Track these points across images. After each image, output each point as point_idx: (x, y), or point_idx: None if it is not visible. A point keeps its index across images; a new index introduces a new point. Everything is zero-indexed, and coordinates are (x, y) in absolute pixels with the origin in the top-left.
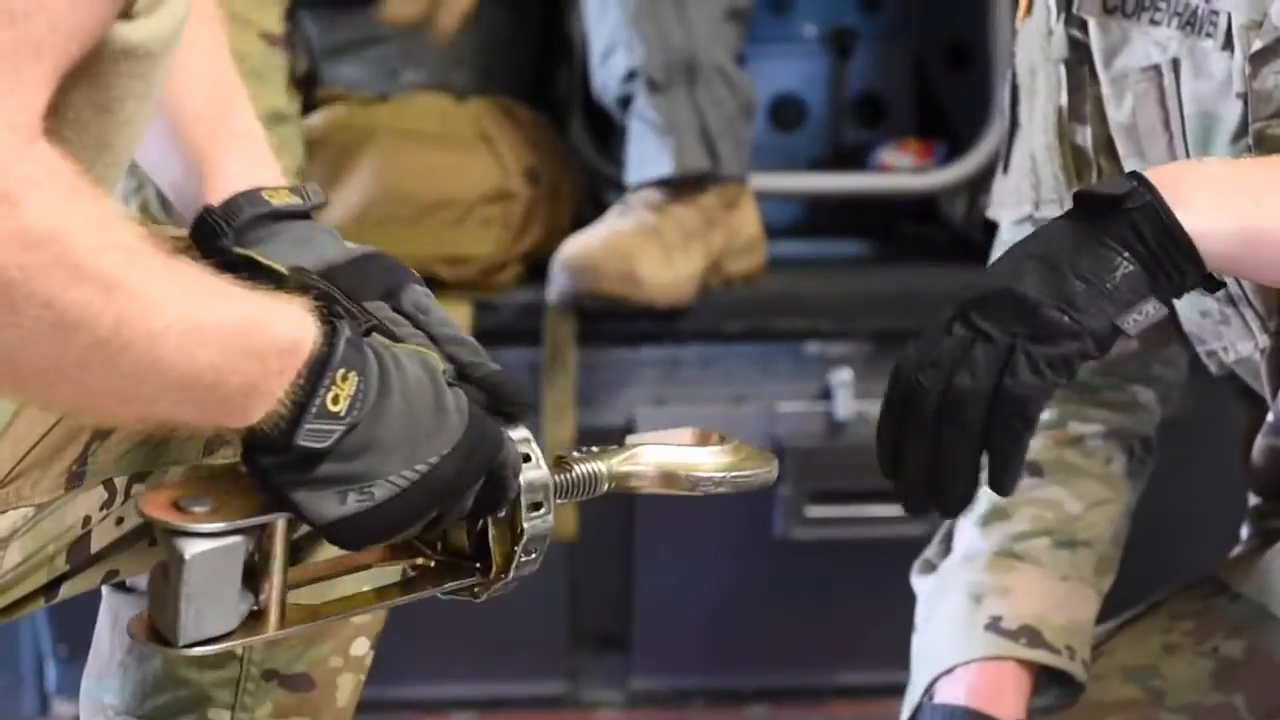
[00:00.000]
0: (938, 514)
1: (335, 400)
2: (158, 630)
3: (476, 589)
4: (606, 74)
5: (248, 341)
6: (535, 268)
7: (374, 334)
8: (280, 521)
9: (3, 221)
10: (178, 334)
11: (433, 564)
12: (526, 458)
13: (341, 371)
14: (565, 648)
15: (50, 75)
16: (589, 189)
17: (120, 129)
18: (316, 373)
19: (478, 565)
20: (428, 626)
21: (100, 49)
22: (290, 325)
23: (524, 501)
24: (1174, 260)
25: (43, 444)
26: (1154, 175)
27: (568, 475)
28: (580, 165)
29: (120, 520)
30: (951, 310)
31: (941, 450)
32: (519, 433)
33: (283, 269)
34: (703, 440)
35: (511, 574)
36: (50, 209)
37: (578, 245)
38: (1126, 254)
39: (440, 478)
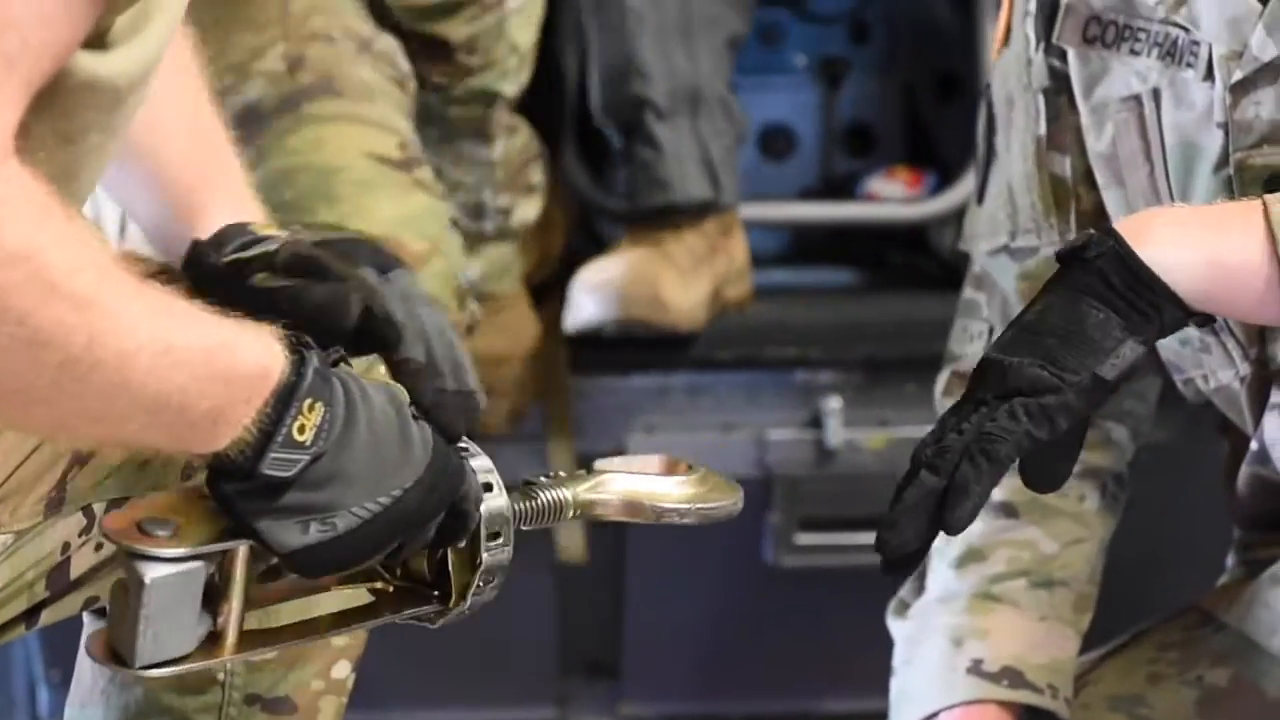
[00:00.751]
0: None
1: (301, 430)
2: (115, 650)
3: (433, 616)
4: (611, 99)
5: (217, 367)
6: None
7: (341, 364)
8: (242, 547)
9: None
10: (149, 355)
11: (391, 589)
12: (488, 487)
13: (309, 401)
14: (555, 674)
15: (22, 93)
16: (580, 219)
17: (83, 159)
18: (283, 402)
19: (436, 593)
20: (418, 652)
21: (63, 79)
22: (259, 353)
23: (483, 532)
24: (1145, 299)
25: (21, 470)
26: (1121, 223)
27: (533, 503)
28: (572, 194)
29: (99, 546)
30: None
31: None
32: (481, 462)
33: (279, 233)
34: (671, 469)
35: (468, 602)
36: (24, 227)
37: (598, 272)
38: (1096, 302)
39: (403, 510)
